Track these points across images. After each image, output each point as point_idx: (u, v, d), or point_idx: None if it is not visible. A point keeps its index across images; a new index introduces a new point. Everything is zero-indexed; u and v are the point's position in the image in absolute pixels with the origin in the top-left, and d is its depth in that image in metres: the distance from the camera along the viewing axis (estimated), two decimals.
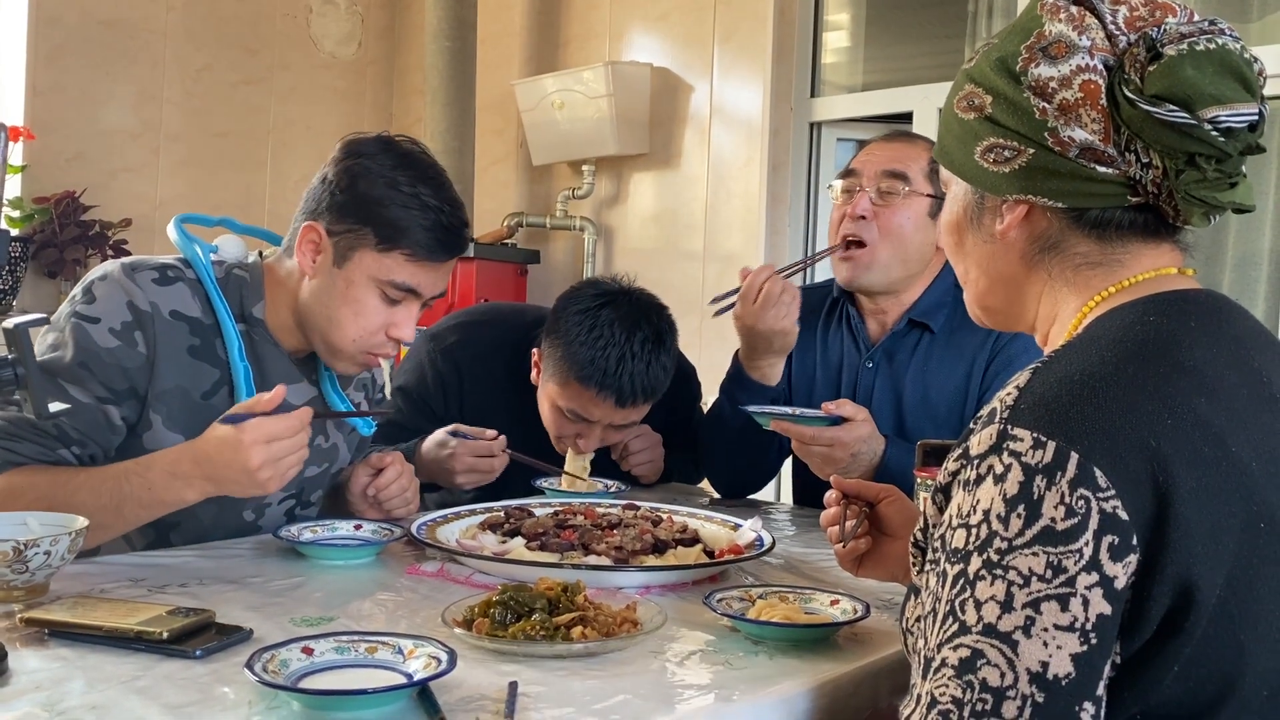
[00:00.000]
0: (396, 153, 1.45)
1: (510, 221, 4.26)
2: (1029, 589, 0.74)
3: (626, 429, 1.92)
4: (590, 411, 1.83)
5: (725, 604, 1.15)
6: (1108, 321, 0.87)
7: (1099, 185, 0.87)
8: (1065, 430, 0.76)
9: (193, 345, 1.43)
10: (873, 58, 3.97)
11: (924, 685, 0.77)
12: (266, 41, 4.56)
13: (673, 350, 1.89)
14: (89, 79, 4.12)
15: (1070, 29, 0.88)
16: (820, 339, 1.95)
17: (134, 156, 4.23)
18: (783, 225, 3.84)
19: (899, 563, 1.19)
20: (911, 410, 1.81)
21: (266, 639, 1.05)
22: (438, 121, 4.21)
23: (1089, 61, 0.86)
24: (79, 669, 0.97)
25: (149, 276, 1.43)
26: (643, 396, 1.83)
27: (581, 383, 1.80)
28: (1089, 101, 0.86)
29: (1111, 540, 0.73)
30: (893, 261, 1.80)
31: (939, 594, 0.79)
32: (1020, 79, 0.89)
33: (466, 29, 4.23)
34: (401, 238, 1.42)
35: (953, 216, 1.00)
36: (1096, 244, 0.91)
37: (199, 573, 1.31)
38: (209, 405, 1.44)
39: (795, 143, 3.85)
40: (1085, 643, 0.73)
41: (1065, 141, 0.87)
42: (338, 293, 1.44)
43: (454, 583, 1.31)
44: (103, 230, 3.88)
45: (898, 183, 1.78)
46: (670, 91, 4.03)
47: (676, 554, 1.38)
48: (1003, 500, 0.76)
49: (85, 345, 1.37)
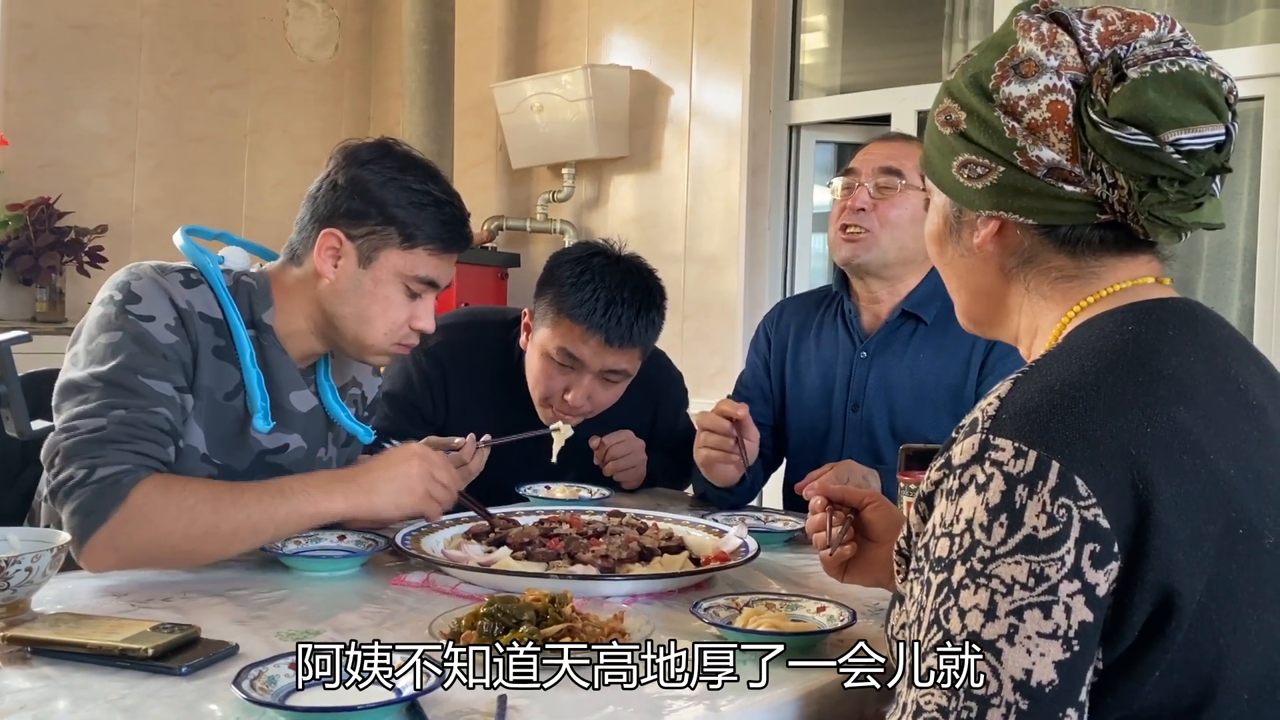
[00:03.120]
0: (398, 154, 1.52)
1: (490, 225, 4.25)
2: (1012, 597, 0.74)
3: (614, 386, 1.92)
4: (580, 349, 1.85)
5: (712, 612, 1.16)
6: (1087, 331, 0.88)
7: (1067, 204, 0.89)
8: (1046, 440, 0.77)
9: (218, 346, 1.45)
10: (851, 59, 3.99)
11: (910, 694, 0.78)
12: (243, 45, 4.53)
13: (662, 309, 1.93)
14: (63, 84, 4.08)
15: (1039, 48, 0.88)
16: (815, 337, 2.00)
17: (109, 162, 4.20)
18: (762, 228, 3.85)
19: (884, 569, 1.19)
20: (905, 399, 1.85)
21: (253, 654, 1.04)
22: (416, 125, 4.20)
23: (1057, 81, 0.87)
24: (64, 688, 0.96)
25: (177, 278, 1.45)
26: (630, 340, 1.86)
27: (572, 319, 1.84)
28: (1056, 122, 0.87)
29: (1093, 548, 0.74)
30: (891, 245, 1.86)
31: (923, 602, 0.80)
32: (992, 97, 0.90)
33: (444, 32, 4.23)
34: (422, 233, 1.48)
35: (934, 228, 1.01)
36: (1070, 258, 0.92)
37: (181, 586, 1.30)
38: (230, 406, 1.46)
39: (774, 145, 3.86)
40: (1068, 650, 0.74)
41: (1033, 160, 0.88)
42: (366, 292, 1.48)
43: (440, 593, 1.31)
44: (78, 237, 3.85)
45: (894, 178, 1.85)
46: (649, 94, 4.03)
47: (663, 562, 1.38)
48: (985, 510, 0.77)
49: (149, 342, 1.38)
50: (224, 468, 1.46)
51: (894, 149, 1.90)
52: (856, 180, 1.88)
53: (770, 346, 2.06)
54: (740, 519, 1.67)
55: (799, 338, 2.02)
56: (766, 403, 2.03)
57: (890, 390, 1.87)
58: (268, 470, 1.50)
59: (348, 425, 1.60)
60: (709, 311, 3.79)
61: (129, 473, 1.29)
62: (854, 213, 1.85)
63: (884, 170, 1.86)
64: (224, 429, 1.45)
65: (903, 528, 0.93)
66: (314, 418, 1.57)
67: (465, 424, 1.87)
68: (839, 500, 1.23)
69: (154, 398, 1.36)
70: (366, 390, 1.73)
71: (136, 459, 1.31)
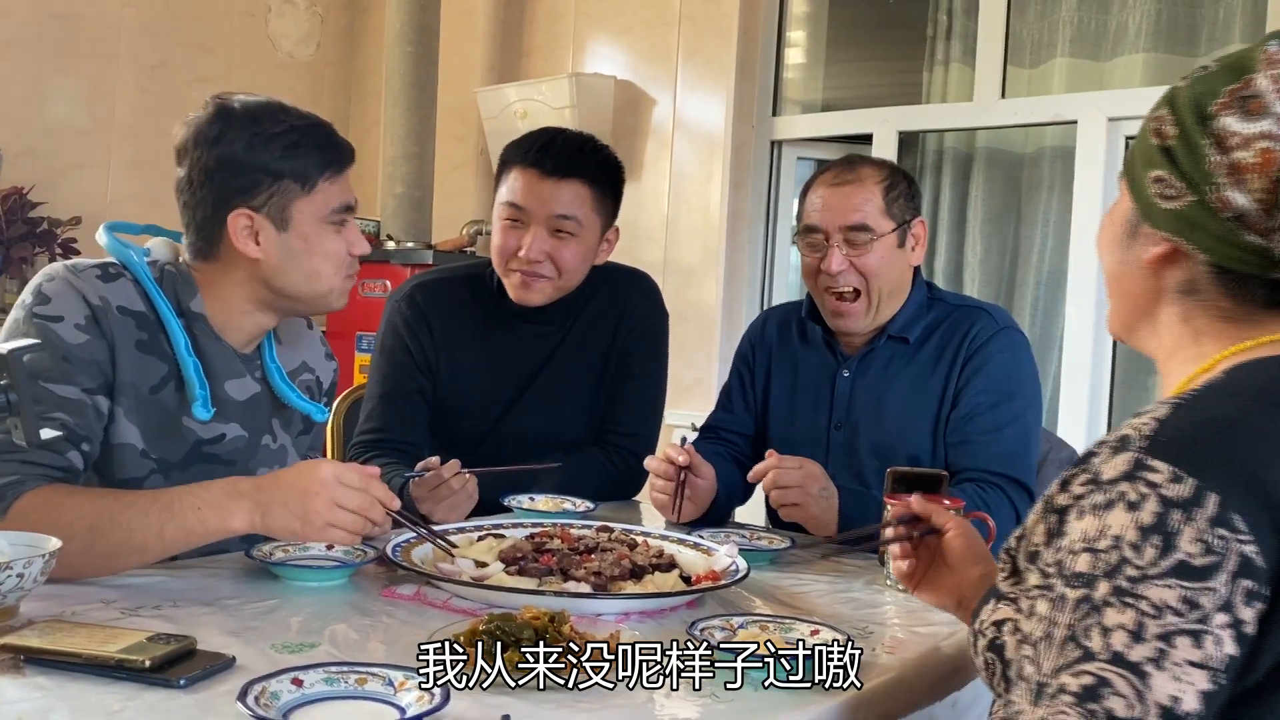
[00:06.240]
0: (239, 111, 1.48)
1: (470, 229, 4.24)
2: (1162, 620, 0.73)
3: (569, 241, 1.94)
4: (520, 194, 1.93)
5: (708, 633, 1.17)
6: (1250, 372, 0.87)
7: (1244, 252, 0.87)
8: (1205, 471, 0.76)
9: (140, 340, 1.44)
10: (833, 76, 4.03)
11: (1034, 712, 0.76)
12: (223, 40, 4.49)
13: (608, 153, 2.01)
14: (39, 73, 4.03)
15: (1274, 88, 0.85)
16: (798, 349, 1.99)
17: (85, 153, 4.15)
18: (742, 241, 3.88)
19: (950, 595, 1.21)
20: (888, 419, 1.85)
21: (249, 666, 1.04)
22: (397, 126, 4.18)
23: (1277, 130, 0.84)
24: (60, 699, 0.95)
25: (92, 274, 1.43)
26: (569, 170, 1.92)
27: (509, 164, 1.97)
28: (1261, 170, 0.84)
29: (1248, 585, 0.74)
30: (882, 299, 1.85)
31: (1054, 618, 0.78)
32: (1208, 123, 0.86)
33: (429, 34, 4.21)
34: (313, 169, 1.47)
35: (1112, 221, 0.98)
36: (1233, 302, 0.90)
37: (172, 594, 1.29)
38: (156, 399, 1.45)
39: (756, 160, 3.89)
40: (1214, 682, 0.73)
41: (1224, 200, 0.86)
42: (299, 252, 1.48)
43: (431, 606, 1.30)
44: (51, 228, 3.80)
45: (861, 234, 1.82)
46: (633, 105, 4.04)
47: (654, 580, 1.39)
48: (1136, 528, 0.76)
49: (57, 343, 1.37)
50: (160, 461, 1.46)
51: (850, 197, 1.83)
52: (823, 239, 1.84)
53: (754, 356, 2.05)
54: (727, 535, 1.68)
55: (782, 348, 2.01)
56: (748, 413, 2.04)
57: (873, 409, 1.87)
58: (205, 461, 1.49)
59: (297, 404, 1.59)
60: (686, 323, 3.81)
61: (15, 484, 1.29)
62: (834, 276, 1.83)
63: (851, 228, 1.82)
64: (154, 423, 1.44)
65: (1016, 532, 0.92)
66: (255, 405, 1.55)
67: (457, 359, 2.01)
68: (925, 516, 1.24)
69: (54, 402, 1.35)
70: (321, 375, 1.71)
71: (26, 469, 1.31)
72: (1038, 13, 3.48)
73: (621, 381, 2.10)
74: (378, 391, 2.05)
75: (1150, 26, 3.28)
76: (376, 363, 2.09)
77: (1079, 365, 3.26)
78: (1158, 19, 3.27)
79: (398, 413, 2.02)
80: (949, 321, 1.88)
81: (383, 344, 2.08)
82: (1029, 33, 3.50)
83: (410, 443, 2.00)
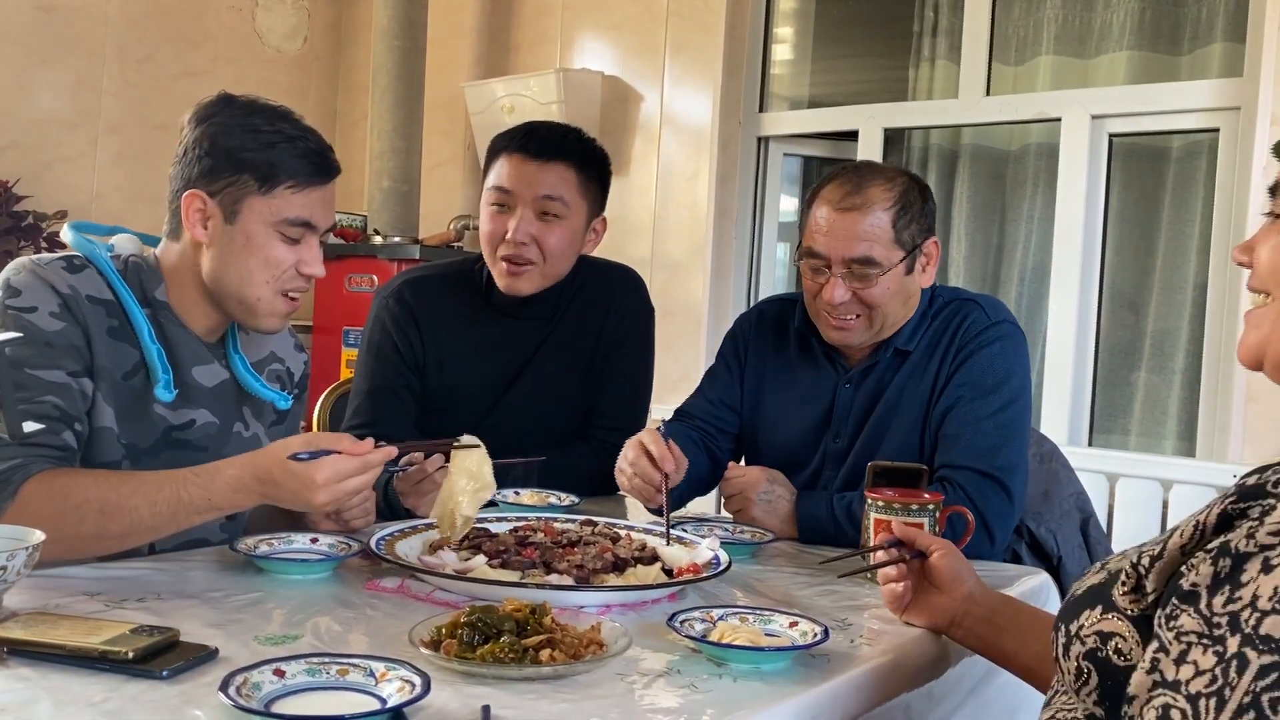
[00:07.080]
0: (243, 102, 1.50)
1: (457, 224, 4.24)
2: None
3: (556, 224, 1.96)
4: (506, 177, 1.96)
5: (688, 625, 1.18)
6: None
7: None
8: None
9: (111, 326, 1.45)
10: (819, 73, 4.05)
11: None
12: (210, 34, 4.48)
13: (593, 142, 2.03)
14: (24, 65, 4.01)
15: None
16: (794, 354, 1.93)
17: (70, 147, 4.13)
18: (729, 236, 3.89)
19: (942, 615, 1.23)
20: (890, 430, 1.81)
21: (233, 658, 1.04)
22: (384, 120, 4.18)
23: None
24: (44, 690, 0.96)
25: (58, 265, 1.45)
26: (554, 153, 1.95)
27: (495, 151, 1.98)
28: None
29: None
30: (885, 322, 1.79)
31: (1229, 679, 0.71)
32: None
33: (417, 29, 4.21)
34: (279, 172, 1.46)
35: (1270, 248, 0.92)
36: None
37: (156, 586, 1.29)
38: (129, 386, 1.47)
39: (743, 156, 3.90)
40: None
41: None
42: (239, 248, 1.47)
43: (415, 599, 1.31)
44: (36, 222, 3.78)
45: (867, 268, 1.73)
46: (620, 100, 4.05)
47: (636, 573, 1.40)
48: None
49: (36, 332, 1.39)
50: (130, 446, 1.47)
51: (857, 224, 1.72)
52: (825, 266, 1.75)
53: (746, 352, 1.99)
54: (710, 529, 1.69)
55: (778, 354, 1.95)
56: (728, 406, 1.98)
57: (873, 421, 1.83)
58: (175, 447, 1.51)
59: (261, 393, 1.60)
60: (673, 318, 3.82)
61: (19, 468, 1.31)
62: (838, 306, 1.76)
63: (857, 261, 1.72)
64: (126, 408, 1.46)
65: (1148, 548, 0.85)
66: (224, 392, 1.56)
67: (444, 354, 2.04)
68: (909, 541, 1.25)
69: (42, 387, 1.36)
70: (291, 366, 1.72)
71: (27, 451, 1.33)
72: (1023, 10, 3.50)
73: (607, 376, 2.11)
74: (365, 387, 2.06)
75: (1134, 24, 3.30)
76: (364, 358, 2.10)
77: (1062, 361, 3.28)
78: (1141, 17, 3.29)
79: (384, 408, 2.03)
80: (940, 318, 1.84)
81: (370, 340, 2.09)
82: (1014, 30, 3.52)
83: (397, 438, 2.00)
